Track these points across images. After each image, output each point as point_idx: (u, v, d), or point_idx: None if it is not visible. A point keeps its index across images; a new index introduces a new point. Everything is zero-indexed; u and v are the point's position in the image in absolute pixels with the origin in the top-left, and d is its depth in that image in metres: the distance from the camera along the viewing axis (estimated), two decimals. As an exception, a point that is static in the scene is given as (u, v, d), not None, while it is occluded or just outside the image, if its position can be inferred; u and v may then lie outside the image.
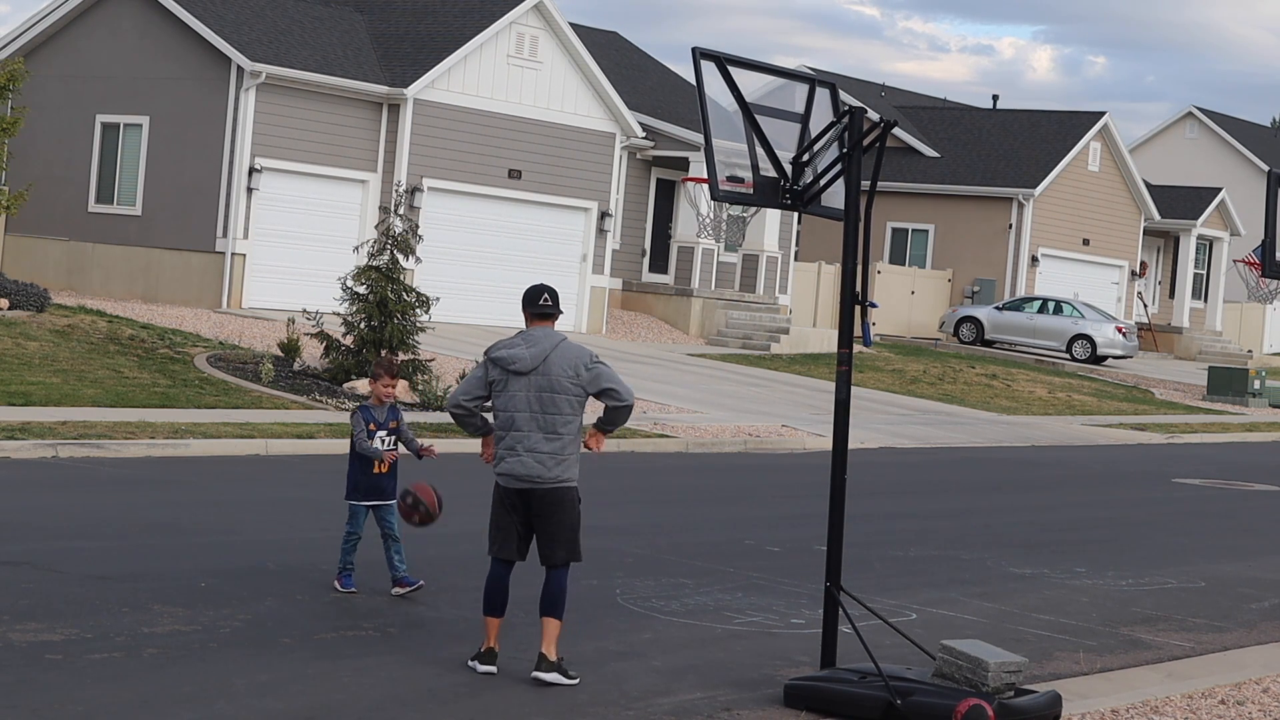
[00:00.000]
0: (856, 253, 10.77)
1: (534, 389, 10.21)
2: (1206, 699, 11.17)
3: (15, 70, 31.17)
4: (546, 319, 10.39)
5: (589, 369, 10.21)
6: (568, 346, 10.27)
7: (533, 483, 10.29)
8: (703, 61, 10.43)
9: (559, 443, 10.26)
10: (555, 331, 10.37)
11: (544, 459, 10.26)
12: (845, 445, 10.81)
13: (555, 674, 10.28)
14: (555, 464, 10.29)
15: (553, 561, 10.43)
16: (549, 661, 10.30)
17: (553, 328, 10.40)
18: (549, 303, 10.37)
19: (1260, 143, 69.79)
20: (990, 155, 53.83)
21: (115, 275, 35.23)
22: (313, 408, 24.02)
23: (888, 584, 14.47)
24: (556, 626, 10.35)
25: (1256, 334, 62.65)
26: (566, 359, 10.21)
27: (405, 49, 36.75)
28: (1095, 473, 26.42)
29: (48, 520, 14.90)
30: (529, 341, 10.29)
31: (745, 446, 25.68)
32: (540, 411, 10.22)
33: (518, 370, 10.21)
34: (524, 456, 10.27)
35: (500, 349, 10.32)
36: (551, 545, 10.42)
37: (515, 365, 10.21)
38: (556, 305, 10.41)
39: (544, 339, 10.29)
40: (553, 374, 10.18)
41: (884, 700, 10.02)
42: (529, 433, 10.23)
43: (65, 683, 9.53)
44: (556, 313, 10.43)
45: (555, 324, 10.43)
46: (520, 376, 10.21)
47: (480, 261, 37.18)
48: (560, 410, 10.21)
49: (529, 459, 10.27)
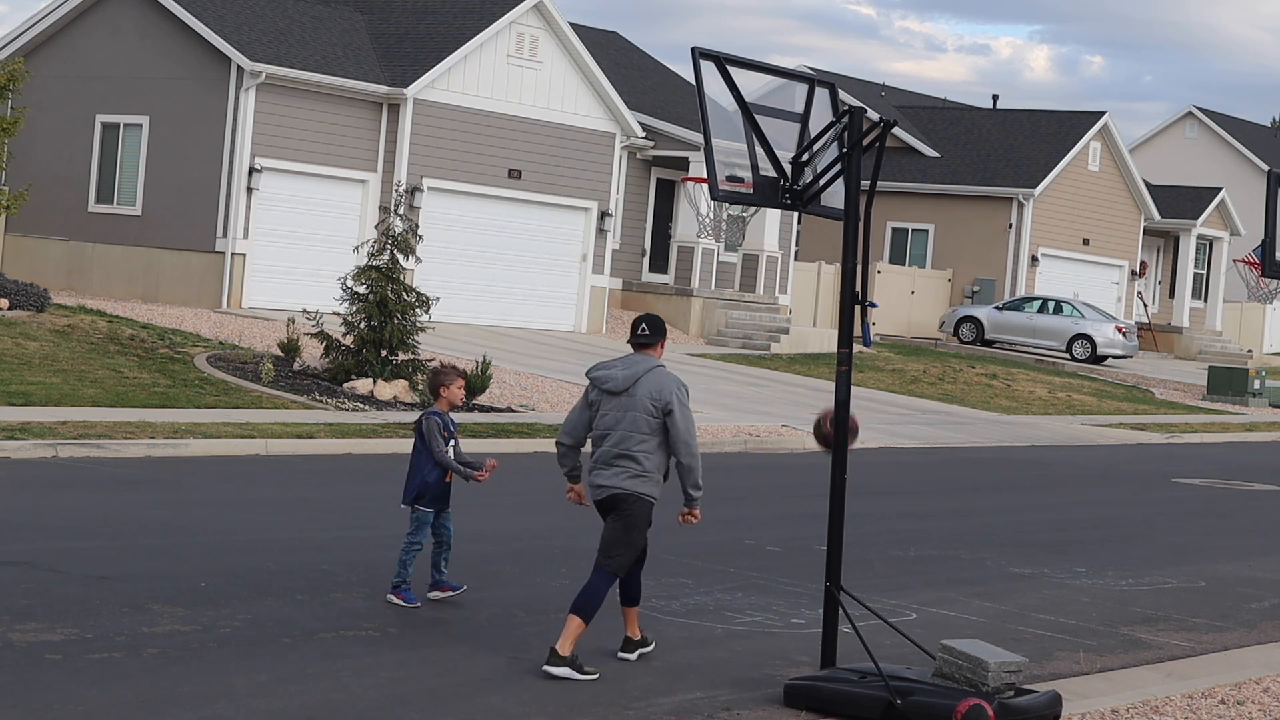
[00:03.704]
0: (856, 252, 10.77)
1: (620, 408, 10.73)
2: (1206, 699, 11.18)
3: (15, 70, 31.17)
4: (642, 347, 10.93)
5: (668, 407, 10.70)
6: (659, 374, 10.78)
7: (610, 490, 10.78)
8: (702, 61, 10.43)
9: (632, 461, 10.73)
10: (651, 358, 10.88)
11: (619, 474, 10.74)
12: (845, 445, 10.81)
13: (565, 669, 10.42)
14: (629, 477, 10.74)
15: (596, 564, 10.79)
16: (558, 657, 10.46)
17: (652, 355, 10.90)
18: (645, 331, 10.94)
19: (1260, 143, 69.78)
20: (990, 155, 53.83)
21: (115, 275, 35.23)
22: (313, 408, 24.02)
23: (888, 584, 14.47)
24: (578, 626, 10.55)
25: (1256, 334, 62.64)
26: (653, 385, 10.72)
27: (405, 49, 36.75)
28: (1095, 473, 26.41)
29: (48, 520, 14.90)
30: (625, 365, 10.85)
31: (745, 446, 25.69)
32: (620, 429, 10.72)
33: (610, 390, 10.76)
34: (606, 469, 10.77)
35: (599, 369, 10.91)
36: (601, 549, 10.81)
37: (608, 385, 10.77)
38: (652, 333, 10.92)
39: (639, 364, 10.80)
40: (638, 396, 10.70)
41: (884, 700, 10.02)
42: (612, 448, 10.75)
43: (65, 683, 9.53)
44: (652, 341, 10.92)
45: (656, 351, 10.92)
46: (613, 396, 10.76)
47: (480, 261, 37.18)
48: (640, 431, 10.71)
49: (610, 471, 10.76)
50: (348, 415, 23.62)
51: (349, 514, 16.77)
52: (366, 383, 25.46)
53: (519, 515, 16.89)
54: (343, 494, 18.29)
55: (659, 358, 10.92)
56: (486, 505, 16.46)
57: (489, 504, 16.60)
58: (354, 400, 24.86)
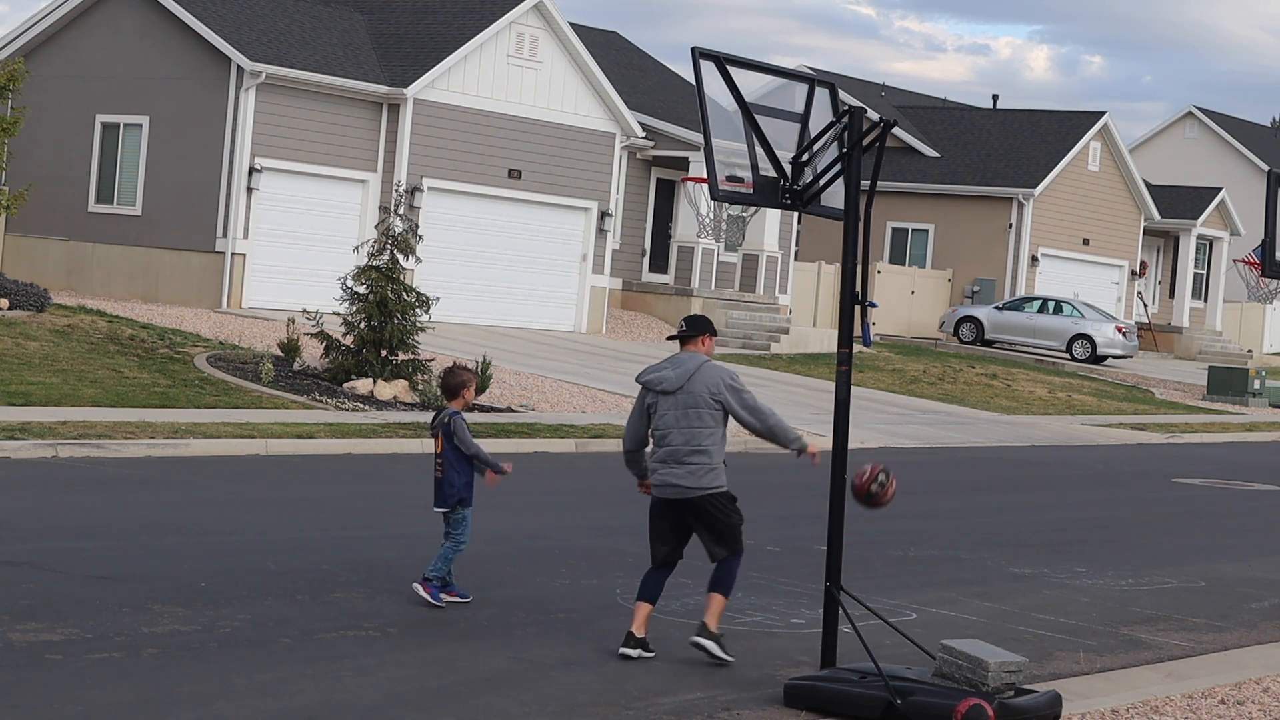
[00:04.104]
0: (856, 252, 10.77)
1: (679, 406, 11.04)
2: (1206, 699, 11.18)
3: (15, 70, 31.16)
4: (686, 343, 11.27)
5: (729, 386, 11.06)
6: (708, 369, 11.09)
7: (683, 492, 11.07)
8: (702, 61, 10.43)
9: (704, 455, 11.03)
10: (698, 355, 11.17)
11: (694, 472, 11.03)
12: (845, 445, 10.81)
13: (712, 643, 11.10)
14: (705, 473, 11.04)
15: (716, 558, 11.25)
16: (709, 631, 11.12)
17: (698, 350, 11.21)
18: (684, 329, 11.31)
19: (1260, 143, 69.78)
20: (990, 155, 53.83)
21: (115, 275, 35.23)
22: (313, 408, 24.02)
23: (888, 584, 14.47)
24: (720, 601, 11.19)
25: (1256, 334, 62.64)
26: (707, 379, 11.04)
27: (405, 49, 36.75)
28: (1095, 473, 26.41)
29: (48, 520, 14.90)
30: (674, 364, 11.14)
31: (745, 446, 25.68)
32: (686, 426, 11.03)
33: (665, 390, 11.07)
34: (680, 467, 11.05)
35: (648, 373, 11.23)
36: (714, 545, 11.21)
37: (662, 386, 11.08)
38: (691, 329, 11.28)
39: (687, 361, 11.12)
40: (696, 392, 11.02)
41: (884, 700, 10.02)
42: (683, 445, 11.03)
43: (65, 683, 9.53)
44: (692, 335, 11.26)
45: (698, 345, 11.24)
46: (668, 395, 11.07)
47: (480, 261, 37.18)
48: (704, 424, 11.03)
49: (683, 470, 11.04)
50: (348, 415, 23.62)
51: (349, 514, 16.77)
52: (366, 383, 25.46)
53: (519, 515, 16.89)
54: (343, 494, 18.29)
55: (707, 353, 11.23)
56: (486, 505, 16.43)
57: (489, 504, 16.58)
58: (354, 400, 24.86)
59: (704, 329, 11.29)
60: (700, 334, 11.26)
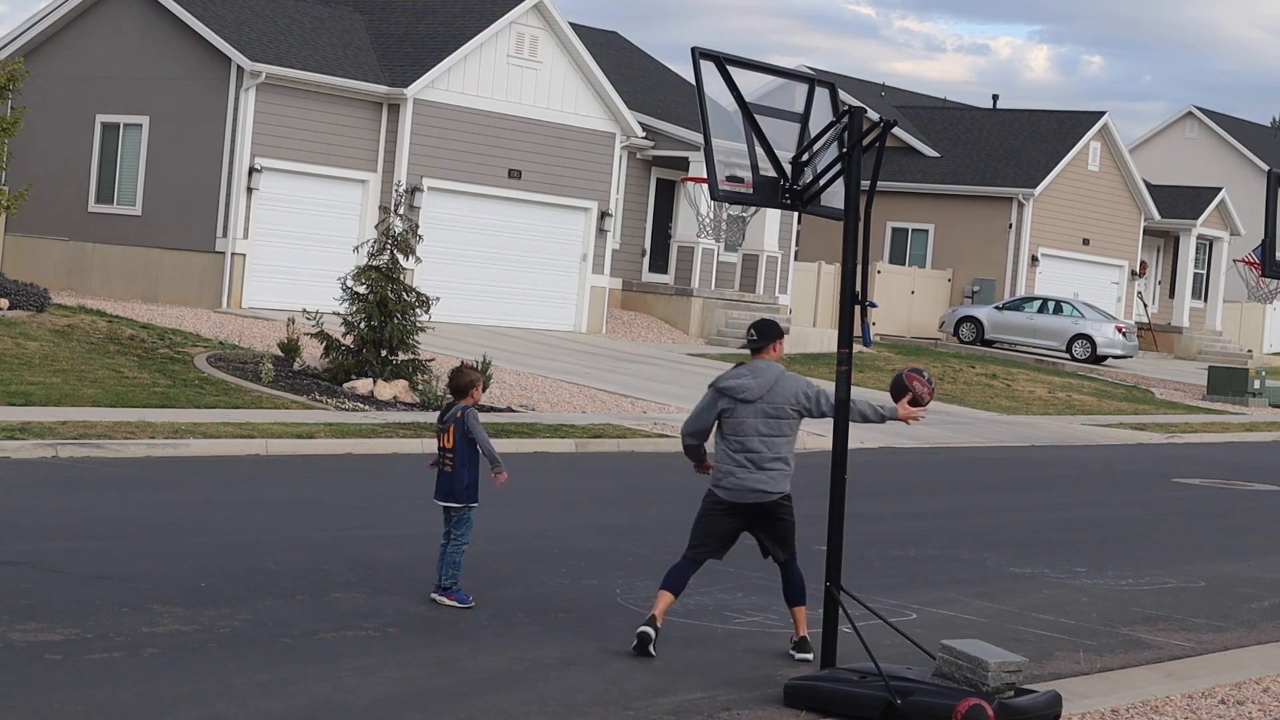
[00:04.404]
0: (856, 252, 10.77)
1: (760, 414, 11.20)
2: (1206, 699, 11.17)
3: (15, 70, 31.16)
4: (758, 353, 11.36)
5: (808, 394, 11.24)
6: (789, 380, 11.26)
7: (764, 496, 11.27)
8: (702, 61, 10.43)
9: (783, 461, 11.29)
10: (774, 365, 11.32)
11: (776, 477, 11.26)
12: (845, 445, 10.81)
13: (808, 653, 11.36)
14: (784, 479, 11.31)
15: (781, 559, 11.46)
16: (805, 642, 11.43)
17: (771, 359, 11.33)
18: (754, 337, 11.35)
19: (1260, 143, 69.78)
20: (990, 155, 53.83)
21: (115, 275, 35.23)
22: (313, 408, 24.02)
23: (888, 584, 14.47)
24: (803, 612, 11.49)
25: (1256, 334, 62.65)
26: (789, 390, 11.21)
27: (405, 49, 36.75)
28: (1095, 473, 26.42)
29: (48, 520, 14.90)
30: (754, 373, 11.27)
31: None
32: (768, 435, 11.23)
33: (746, 399, 11.19)
34: (761, 473, 11.24)
35: (728, 379, 11.32)
36: (776, 547, 11.44)
37: (744, 394, 11.20)
38: (760, 337, 11.33)
39: (766, 372, 11.26)
40: (778, 403, 11.19)
41: (884, 700, 10.02)
42: (765, 452, 11.23)
43: (65, 683, 9.53)
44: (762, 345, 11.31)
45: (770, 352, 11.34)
46: (748, 404, 11.20)
47: (480, 261, 37.18)
48: (784, 433, 11.26)
49: (765, 475, 11.25)
50: (348, 415, 23.62)
51: (349, 514, 16.77)
52: (366, 383, 25.46)
53: (519, 515, 16.89)
54: (343, 494, 18.30)
55: (778, 358, 11.36)
56: (487, 505, 16.42)
57: (489, 504, 16.56)
58: (354, 400, 24.86)
59: (775, 334, 11.35)
60: (772, 340, 11.33)
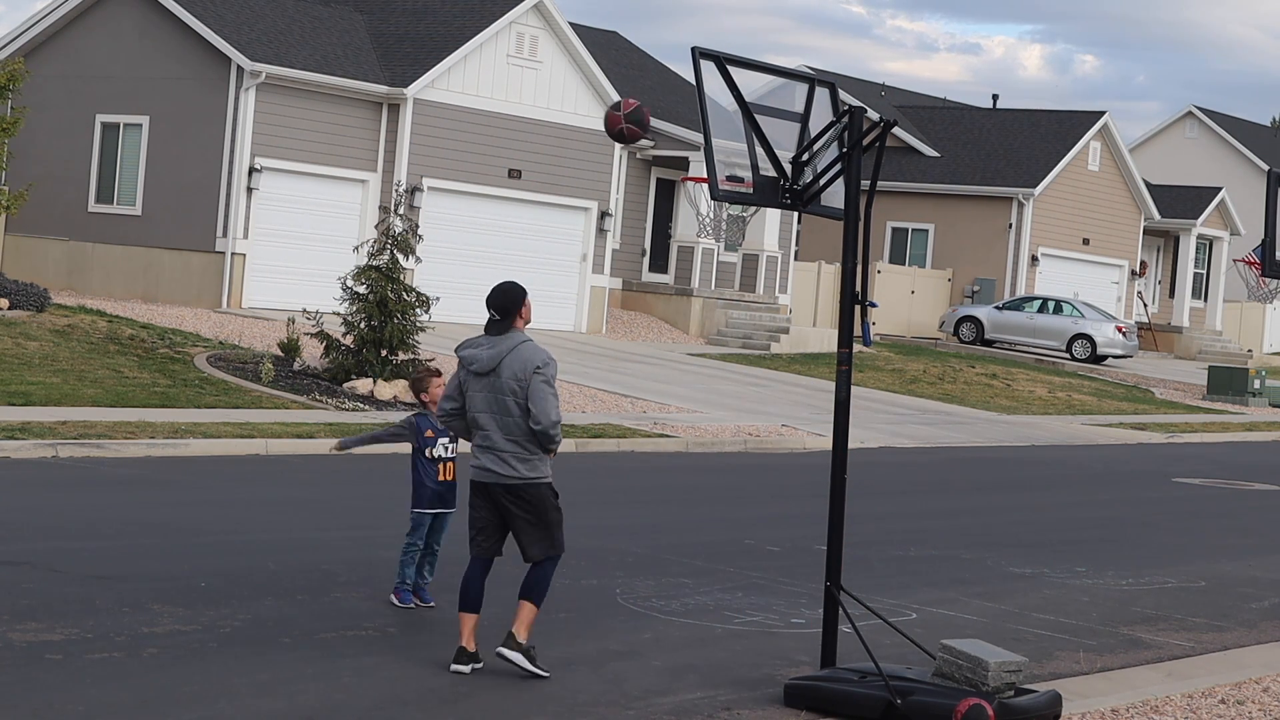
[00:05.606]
0: (856, 252, 10.77)
1: (491, 390, 10.28)
2: (1206, 698, 11.17)
3: (15, 70, 31.16)
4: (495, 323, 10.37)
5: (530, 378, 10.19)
6: (524, 349, 10.26)
7: (497, 478, 10.34)
8: (702, 61, 10.43)
9: (517, 444, 10.30)
10: (518, 334, 10.33)
11: (505, 457, 10.32)
12: (845, 445, 10.81)
13: (518, 654, 10.35)
14: (518, 462, 10.31)
15: (530, 557, 10.50)
16: (515, 641, 10.37)
17: (515, 328, 10.33)
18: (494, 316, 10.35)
19: (1260, 143, 69.77)
20: (990, 155, 53.83)
21: (115, 275, 35.23)
22: (313, 408, 24.02)
23: (888, 584, 14.47)
24: (530, 610, 10.41)
25: (1256, 333, 62.64)
26: (518, 361, 10.23)
27: (405, 49, 36.75)
28: (1095, 472, 26.41)
29: (48, 520, 14.90)
30: (490, 343, 10.35)
31: (745, 446, 25.68)
32: (498, 413, 10.29)
33: (477, 371, 10.31)
34: (489, 454, 10.34)
35: (465, 348, 10.40)
36: (526, 543, 10.48)
37: (474, 366, 10.31)
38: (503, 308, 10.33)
39: (502, 341, 10.32)
40: (504, 376, 10.24)
41: (884, 700, 10.02)
42: (490, 431, 10.32)
43: (65, 683, 9.53)
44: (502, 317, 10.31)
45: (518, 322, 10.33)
46: (479, 377, 10.30)
47: (480, 261, 37.16)
48: (511, 412, 10.24)
49: (493, 457, 10.33)
50: (348, 415, 23.62)
51: (349, 514, 16.77)
52: (366, 383, 25.46)
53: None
54: (343, 494, 18.29)
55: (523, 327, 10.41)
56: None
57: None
58: (354, 400, 24.86)
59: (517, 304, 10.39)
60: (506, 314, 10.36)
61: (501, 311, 10.31)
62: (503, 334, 10.30)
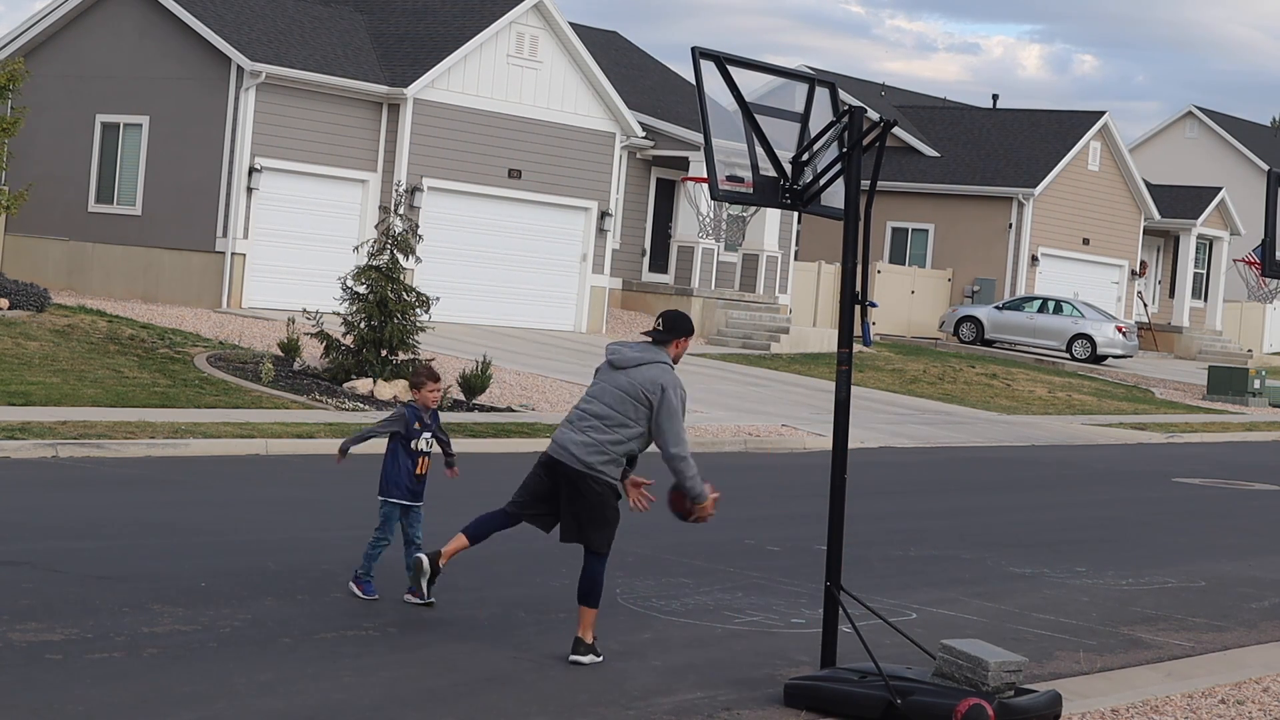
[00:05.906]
0: (856, 252, 10.77)
1: (611, 384, 10.94)
2: (1206, 698, 11.17)
3: (15, 70, 31.16)
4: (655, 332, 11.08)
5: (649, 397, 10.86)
6: (662, 369, 10.90)
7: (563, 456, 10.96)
8: (702, 61, 10.43)
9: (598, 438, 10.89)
10: (657, 351, 10.98)
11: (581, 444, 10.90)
12: (845, 445, 10.80)
13: (589, 656, 10.86)
14: (588, 453, 10.88)
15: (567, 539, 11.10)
16: (583, 645, 10.88)
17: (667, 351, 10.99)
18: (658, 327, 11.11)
19: (1260, 142, 69.78)
20: (990, 155, 53.84)
21: (115, 275, 35.23)
22: (313, 407, 24.02)
23: (888, 584, 14.47)
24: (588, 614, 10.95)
25: (1256, 333, 62.64)
26: (644, 376, 10.90)
27: (405, 49, 36.75)
28: (1095, 472, 26.41)
29: (48, 520, 14.89)
30: (635, 348, 11.11)
31: (745, 446, 25.68)
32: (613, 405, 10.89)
33: (611, 363, 11.03)
34: (568, 431, 10.97)
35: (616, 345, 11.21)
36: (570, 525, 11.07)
37: (611, 358, 11.05)
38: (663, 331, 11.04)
39: (644, 352, 11.03)
40: (636, 380, 10.89)
41: (884, 700, 10.02)
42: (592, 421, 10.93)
43: (65, 683, 9.53)
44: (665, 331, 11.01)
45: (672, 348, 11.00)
46: (610, 371, 11.01)
47: (480, 261, 37.18)
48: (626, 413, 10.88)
49: (571, 432, 10.95)
50: (348, 415, 23.62)
51: (349, 514, 16.76)
52: (366, 382, 25.46)
53: (519, 515, 16.86)
54: (343, 494, 18.29)
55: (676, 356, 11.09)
56: (486, 505, 16.44)
57: (488, 504, 16.58)
58: (354, 400, 24.86)
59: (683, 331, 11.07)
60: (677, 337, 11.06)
61: (668, 327, 11.01)
62: (655, 345, 11.01)
